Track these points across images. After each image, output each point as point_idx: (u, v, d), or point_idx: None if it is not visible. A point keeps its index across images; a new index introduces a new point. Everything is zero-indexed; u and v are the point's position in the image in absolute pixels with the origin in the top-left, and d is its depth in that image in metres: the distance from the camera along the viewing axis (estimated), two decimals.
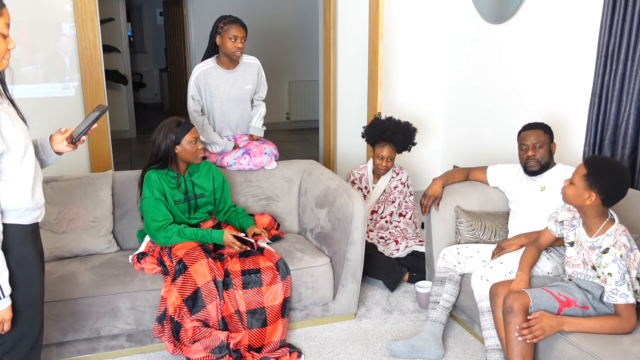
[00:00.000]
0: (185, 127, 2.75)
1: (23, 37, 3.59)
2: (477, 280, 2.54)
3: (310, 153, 6.66)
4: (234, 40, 3.14)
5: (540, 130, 2.71)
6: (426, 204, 3.00)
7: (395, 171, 3.68)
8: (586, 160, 2.23)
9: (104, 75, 3.81)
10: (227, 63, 3.28)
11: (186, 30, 7.58)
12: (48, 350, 2.55)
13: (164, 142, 2.74)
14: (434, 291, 2.79)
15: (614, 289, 2.13)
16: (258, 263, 2.70)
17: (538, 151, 2.69)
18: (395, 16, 4.59)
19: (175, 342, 2.51)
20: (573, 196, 2.22)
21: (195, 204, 2.88)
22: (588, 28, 3.29)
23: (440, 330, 2.73)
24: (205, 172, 2.94)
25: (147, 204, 2.71)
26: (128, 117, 7.71)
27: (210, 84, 3.26)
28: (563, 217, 2.42)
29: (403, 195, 3.66)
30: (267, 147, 3.36)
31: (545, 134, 2.70)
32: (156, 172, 2.76)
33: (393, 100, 4.76)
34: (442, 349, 2.70)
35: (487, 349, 2.50)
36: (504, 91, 4.10)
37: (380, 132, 3.50)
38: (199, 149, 2.77)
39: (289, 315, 2.76)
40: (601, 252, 2.19)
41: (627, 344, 2.08)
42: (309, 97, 8.35)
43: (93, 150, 3.83)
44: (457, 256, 2.77)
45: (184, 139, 2.74)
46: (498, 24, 4.09)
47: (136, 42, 10.99)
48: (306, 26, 7.86)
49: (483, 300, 2.51)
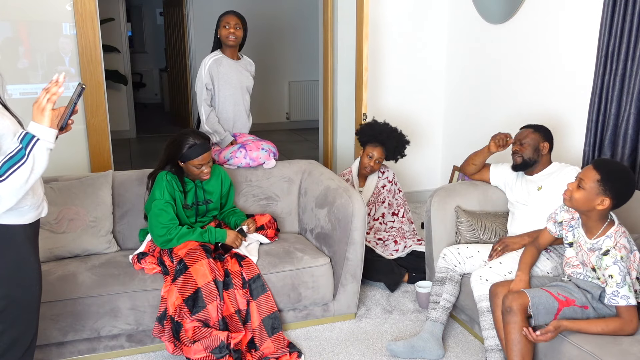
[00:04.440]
0: (195, 151, 2.71)
1: (23, 37, 3.59)
2: (477, 280, 2.54)
3: (310, 153, 6.66)
4: (227, 27, 3.43)
5: (530, 128, 2.78)
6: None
7: (380, 170, 3.67)
8: (596, 165, 2.17)
9: (104, 75, 3.81)
10: (230, 53, 3.53)
11: (186, 30, 7.58)
12: (48, 350, 2.55)
13: (172, 155, 2.75)
14: (434, 291, 2.79)
15: (615, 291, 2.12)
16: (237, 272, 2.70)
17: (522, 147, 2.76)
18: (394, 16, 4.59)
19: (176, 342, 2.51)
20: (583, 201, 2.17)
21: (205, 209, 2.89)
22: (588, 28, 3.29)
23: (441, 330, 2.73)
24: (215, 177, 2.95)
25: (155, 206, 2.70)
26: (128, 117, 7.71)
27: (222, 72, 3.48)
28: (562, 218, 2.41)
29: (392, 194, 3.66)
30: (265, 144, 3.37)
31: (534, 133, 2.76)
32: (169, 175, 2.76)
33: (391, 102, 4.75)
34: (442, 349, 2.70)
35: (486, 349, 2.50)
36: (504, 91, 4.10)
37: (377, 132, 3.53)
38: (204, 172, 2.76)
39: (281, 329, 2.73)
40: (601, 253, 2.18)
41: (627, 344, 2.08)
42: (309, 97, 8.35)
43: (93, 150, 3.83)
44: (458, 256, 2.77)
45: (191, 162, 2.73)
46: (498, 24, 4.09)
47: (136, 42, 10.98)
48: (306, 26, 7.86)
49: (482, 301, 2.51)
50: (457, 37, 4.63)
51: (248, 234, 2.93)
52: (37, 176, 1.64)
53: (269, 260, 2.83)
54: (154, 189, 2.75)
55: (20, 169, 1.59)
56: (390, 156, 3.58)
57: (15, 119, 1.80)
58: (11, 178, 1.58)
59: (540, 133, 2.76)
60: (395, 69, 4.71)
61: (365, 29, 3.92)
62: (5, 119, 1.70)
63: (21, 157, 1.59)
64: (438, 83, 4.85)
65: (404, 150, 3.60)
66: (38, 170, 1.63)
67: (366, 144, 3.59)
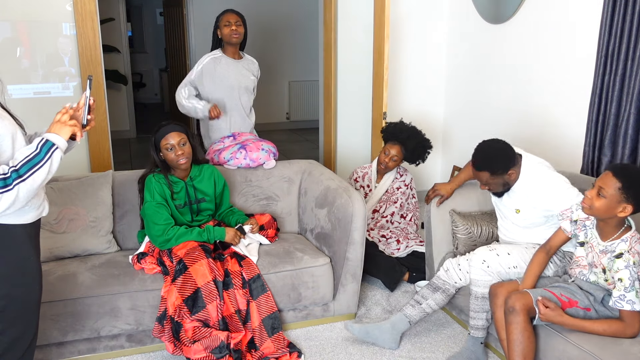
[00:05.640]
0: (163, 130, 2.71)
1: (23, 37, 3.59)
2: (479, 263, 2.53)
3: (310, 153, 6.66)
4: (228, 25, 3.42)
5: (486, 172, 2.53)
6: (431, 196, 3.03)
7: (399, 172, 3.69)
8: (615, 172, 2.10)
9: (104, 75, 3.81)
10: (232, 53, 3.52)
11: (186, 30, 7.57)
12: (48, 350, 2.55)
13: (152, 148, 2.76)
14: (423, 292, 2.76)
15: (622, 295, 2.10)
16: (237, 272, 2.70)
17: (490, 186, 2.59)
18: (394, 16, 4.58)
19: (176, 342, 2.51)
20: (604, 209, 2.12)
21: (197, 208, 2.89)
22: (588, 28, 3.29)
23: (406, 327, 2.74)
24: (208, 177, 2.94)
25: (148, 208, 2.70)
26: (128, 117, 7.71)
27: (219, 71, 3.47)
28: (578, 217, 2.34)
29: (405, 197, 3.67)
30: (265, 144, 3.37)
31: (492, 177, 2.53)
32: (156, 177, 2.76)
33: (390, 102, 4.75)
34: (396, 343, 2.74)
35: (471, 327, 2.59)
36: (504, 91, 4.10)
37: (398, 131, 3.57)
38: (179, 154, 2.71)
39: (281, 329, 2.73)
40: (614, 256, 2.15)
41: (627, 344, 2.08)
42: (309, 97, 8.35)
43: (93, 150, 3.83)
44: (459, 272, 2.70)
45: (162, 144, 2.72)
46: (498, 24, 4.09)
47: (136, 42, 10.99)
48: (306, 26, 7.86)
49: (479, 287, 2.53)
50: (456, 37, 4.63)
51: (251, 234, 2.93)
52: (49, 179, 1.76)
53: (269, 260, 2.83)
54: (144, 193, 2.76)
55: (40, 170, 1.69)
56: (409, 157, 3.60)
57: (14, 120, 1.80)
58: (31, 179, 1.68)
59: (500, 170, 2.51)
60: (395, 69, 4.71)
61: (386, 30, 3.94)
62: (5, 120, 1.71)
63: (40, 160, 1.70)
64: (438, 83, 4.85)
65: (425, 155, 3.61)
66: (51, 174, 1.74)
67: (387, 141, 3.64)
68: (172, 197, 2.78)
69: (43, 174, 1.70)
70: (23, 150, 1.71)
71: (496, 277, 2.52)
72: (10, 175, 1.64)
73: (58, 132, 1.76)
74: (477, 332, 2.60)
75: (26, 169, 1.67)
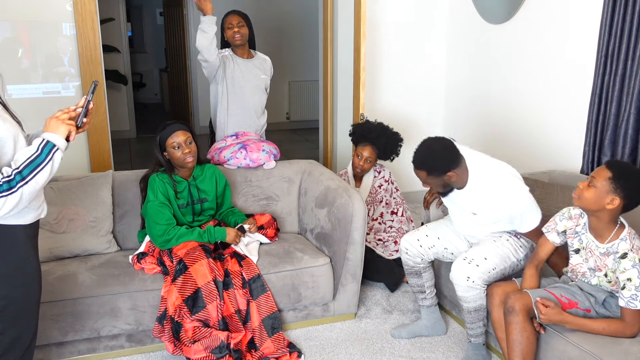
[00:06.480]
0: (169, 130, 2.71)
1: (23, 37, 3.59)
2: (463, 280, 2.46)
3: (310, 153, 6.65)
4: (230, 27, 3.47)
5: (423, 171, 2.45)
6: (429, 200, 3.03)
7: (376, 170, 3.64)
8: (609, 164, 2.13)
9: (104, 75, 3.80)
10: (240, 52, 3.56)
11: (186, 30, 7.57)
12: (48, 350, 2.55)
13: (156, 148, 2.76)
14: (414, 282, 2.82)
15: (634, 294, 2.07)
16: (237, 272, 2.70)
17: (429, 185, 2.56)
18: (394, 16, 4.59)
19: (176, 342, 2.51)
20: (593, 200, 2.11)
21: (200, 208, 2.89)
22: (588, 28, 3.29)
23: (437, 310, 2.90)
24: (210, 176, 2.94)
25: (151, 207, 2.70)
26: (128, 117, 7.70)
27: (229, 71, 3.48)
28: (564, 227, 2.34)
29: (389, 193, 3.63)
30: (266, 145, 3.37)
31: (429, 177, 2.45)
32: (160, 176, 2.76)
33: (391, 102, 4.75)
34: (444, 328, 2.92)
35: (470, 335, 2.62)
36: (504, 91, 4.10)
37: (366, 132, 3.50)
38: (186, 153, 2.71)
39: (281, 329, 2.73)
40: (619, 257, 2.13)
41: (628, 344, 2.08)
42: (309, 97, 8.35)
43: (93, 150, 3.82)
44: (420, 249, 2.73)
45: (168, 144, 2.72)
46: (498, 24, 4.09)
47: (136, 42, 10.99)
48: (306, 26, 7.86)
49: (469, 302, 2.51)
50: (457, 37, 4.63)
51: (250, 233, 2.93)
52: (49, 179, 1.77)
53: (269, 260, 2.83)
54: (147, 192, 2.75)
55: (42, 171, 1.71)
56: (382, 155, 3.53)
57: (14, 120, 1.80)
58: (34, 180, 1.69)
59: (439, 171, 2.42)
60: (395, 69, 4.71)
61: (362, 28, 3.89)
62: (6, 123, 1.71)
63: (42, 161, 1.71)
64: (438, 83, 4.85)
65: (398, 149, 3.55)
66: (52, 174, 1.76)
67: (357, 143, 3.58)
68: (175, 197, 2.78)
69: (45, 175, 1.71)
70: (24, 151, 1.71)
71: (482, 286, 2.48)
72: (14, 177, 1.65)
73: (55, 130, 1.76)
74: (478, 339, 2.62)
75: (29, 171, 1.68)
